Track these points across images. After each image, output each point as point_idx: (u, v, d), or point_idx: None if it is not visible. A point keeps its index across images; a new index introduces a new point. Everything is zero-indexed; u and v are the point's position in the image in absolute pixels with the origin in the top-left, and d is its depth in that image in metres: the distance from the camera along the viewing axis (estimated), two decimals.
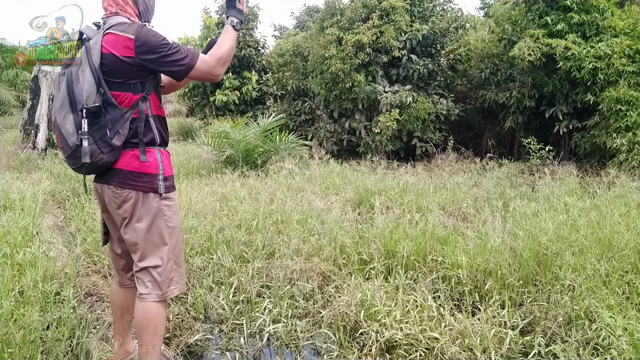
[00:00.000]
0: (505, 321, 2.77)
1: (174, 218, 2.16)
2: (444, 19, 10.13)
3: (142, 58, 2.00)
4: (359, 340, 2.79)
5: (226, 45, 2.16)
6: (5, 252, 3.23)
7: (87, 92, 1.98)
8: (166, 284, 2.14)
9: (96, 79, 1.98)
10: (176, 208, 2.19)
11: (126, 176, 2.07)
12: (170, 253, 2.14)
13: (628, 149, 6.58)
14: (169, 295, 2.15)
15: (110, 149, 2.01)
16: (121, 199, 2.09)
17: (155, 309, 2.12)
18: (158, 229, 2.11)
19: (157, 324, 2.12)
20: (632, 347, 2.32)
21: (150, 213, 2.10)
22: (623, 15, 7.95)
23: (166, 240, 2.13)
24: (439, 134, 9.39)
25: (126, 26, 2.03)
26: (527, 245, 3.36)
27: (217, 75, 2.15)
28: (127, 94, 2.04)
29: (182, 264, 2.23)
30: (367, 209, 4.94)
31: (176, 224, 2.18)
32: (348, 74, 9.21)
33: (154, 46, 1.99)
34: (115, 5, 2.13)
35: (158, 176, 2.09)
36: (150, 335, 2.11)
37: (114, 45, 2.00)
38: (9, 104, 16.15)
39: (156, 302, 2.13)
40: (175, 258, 2.16)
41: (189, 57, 2.05)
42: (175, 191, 2.21)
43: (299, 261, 3.39)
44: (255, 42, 13.39)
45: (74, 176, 6.16)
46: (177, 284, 2.18)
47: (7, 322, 2.44)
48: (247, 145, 7.57)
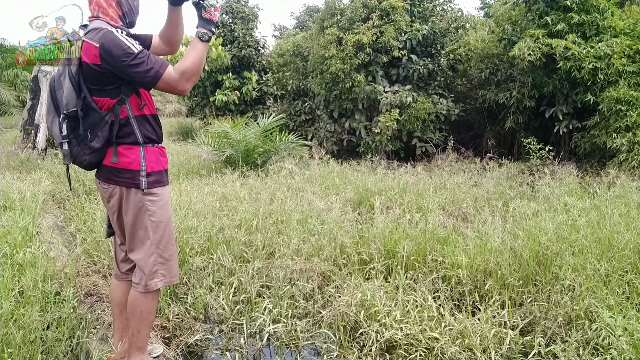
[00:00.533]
0: (505, 321, 2.77)
1: (158, 213, 2.20)
2: (444, 19, 10.13)
3: (106, 66, 2.02)
4: (359, 340, 2.79)
5: (190, 59, 2.11)
6: (5, 252, 3.24)
7: (67, 97, 2.06)
8: (150, 277, 2.22)
9: (75, 86, 2.05)
10: (163, 203, 2.22)
11: (110, 172, 2.17)
12: (154, 247, 2.21)
13: (628, 149, 6.57)
14: (151, 287, 2.23)
15: (91, 151, 2.11)
16: (108, 194, 2.21)
17: (142, 297, 2.24)
18: (142, 223, 2.19)
19: (143, 311, 2.25)
20: (632, 347, 2.32)
21: (134, 208, 2.17)
22: (623, 15, 7.95)
23: (150, 235, 2.20)
24: (439, 134, 9.39)
25: (95, 33, 2.04)
26: (527, 245, 3.36)
27: (182, 90, 2.14)
28: (106, 99, 2.10)
29: (171, 257, 2.28)
30: (367, 209, 4.94)
31: (161, 218, 2.21)
32: (348, 74, 9.21)
33: (117, 55, 1.99)
34: (98, 8, 2.14)
35: (140, 172, 2.15)
36: (137, 320, 2.26)
37: (86, 53, 2.03)
38: (9, 104, 16.14)
39: (142, 292, 2.24)
40: (160, 252, 2.22)
41: (155, 69, 2.04)
42: (162, 186, 2.24)
43: (299, 261, 3.39)
44: (255, 42, 13.39)
45: (74, 176, 6.16)
46: (162, 277, 2.24)
47: (7, 322, 2.44)
48: (247, 145, 7.57)
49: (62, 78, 2.08)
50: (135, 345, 2.29)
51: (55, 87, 2.11)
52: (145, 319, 2.27)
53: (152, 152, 2.21)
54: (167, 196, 2.27)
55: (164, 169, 2.27)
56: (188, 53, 2.14)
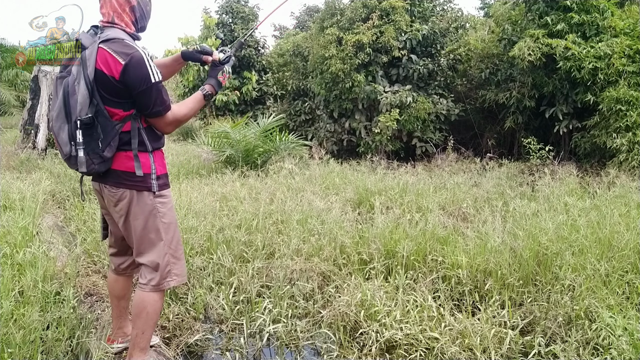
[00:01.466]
0: (505, 321, 2.77)
1: (168, 214, 2.25)
2: (444, 19, 10.13)
3: (123, 83, 2.03)
4: (359, 340, 2.79)
5: (188, 110, 2.25)
6: (5, 252, 3.24)
7: (81, 104, 2.02)
8: (163, 276, 2.25)
9: (90, 91, 2.02)
10: (171, 205, 2.28)
11: (120, 176, 2.15)
12: (167, 247, 2.24)
13: (628, 149, 6.57)
14: (165, 286, 2.27)
15: (101, 160, 2.09)
16: (117, 198, 2.18)
17: (150, 298, 2.25)
18: (154, 226, 2.21)
19: (150, 312, 2.25)
20: (632, 347, 2.32)
21: (145, 211, 2.19)
22: (623, 15, 7.95)
23: (162, 236, 2.23)
24: (439, 134, 9.39)
25: (122, 46, 2.04)
26: (527, 245, 3.36)
27: (165, 132, 2.26)
28: (119, 110, 2.09)
29: (181, 257, 2.32)
30: (367, 209, 4.94)
31: (171, 219, 2.27)
32: (348, 74, 9.21)
33: (136, 81, 2.03)
34: (112, 12, 2.12)
35: (151, 175, 2.18)
36: (142, 321, 2.26)
37: (104, 62, 2.02)
38: (9, 104, 16.15)
39: (152, 292, 2.25)
40: (172, 252, 2.26)
41: (162, 108, 2.12)
42: (168, 189, 2.29)
43: (299, 261, 3.39)
44: (255, 42, 13.40)
45: (74, 176, 6.16)
46: (176, 276, 2.28)
47: (7, 322, 2.44)
48: (247, 145, 7.57)
49: (77, 83, 2.04)
50: (138, 346, 2.29)
51: (70, 93, 2.06)
52: (151, 320, 2.28)
53: (158, 156, 2.26)
54: (171, 198, 2.32)
55: (166, 172, 2.32)
56: (188, 104, 2.26)
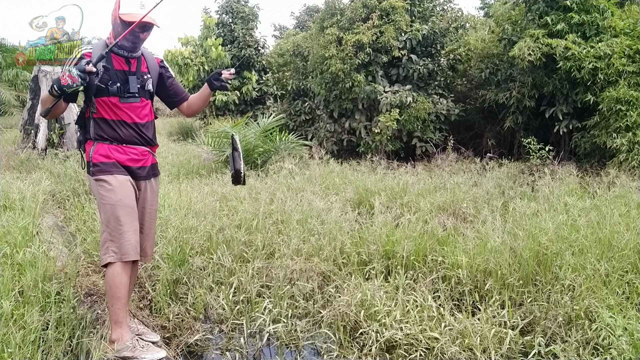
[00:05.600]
0: (505, 321, 2.77)
1: (106, 196, 2.49)
2: (444, 19, 10.12)
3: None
4: (359, 340, 2.79)
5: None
6: (5, 252, 3.24)
7: None
8: (103, 252, 2.48)
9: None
10: (111, 187, 2.49)
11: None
12: (104, 226, 2.49)
13: (628, 149, 6.57)
14: (104, 261, 2.47)
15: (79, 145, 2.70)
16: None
17: (107, 273, 2.47)
18: (99, 206, 2.57)
19: (110, 286, 2.45)
20: (632, 347, 2.32)
21: (94, 193, 2.64)
22: (623, 15, 7.94)
23: (101, 215, 2.54)
24: (439, 134, 9.38)
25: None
26: (527, 245, 3.35)
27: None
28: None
29: (121, 237, 2.45)
30: (367, 209, 4.94)
31: (110, 202, 2.48)
32: (348, 74, 9.20)
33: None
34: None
35: (90, 163, 2.55)
36: (108, 296, 2.48)
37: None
38: (9, 104, 16.14)
39: (106, 268, 2.47)
40: (110, 230, 2.46)
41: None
42: (109, 175, 2.50)
43: (299, 261, 3.39)
44: (255, 42, 13.39)
45: (74, 176, 6.16)
46: (114, 253, 2.44)
47: (7, 322, 2.44)
48: (247, 145, 7.57)
49: None
50: (112, 319, 2.48)
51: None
52: (112, 293, 2.43)
53: (102, 147, 2.58)
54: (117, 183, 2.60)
55: (109, 161, 2.63)
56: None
